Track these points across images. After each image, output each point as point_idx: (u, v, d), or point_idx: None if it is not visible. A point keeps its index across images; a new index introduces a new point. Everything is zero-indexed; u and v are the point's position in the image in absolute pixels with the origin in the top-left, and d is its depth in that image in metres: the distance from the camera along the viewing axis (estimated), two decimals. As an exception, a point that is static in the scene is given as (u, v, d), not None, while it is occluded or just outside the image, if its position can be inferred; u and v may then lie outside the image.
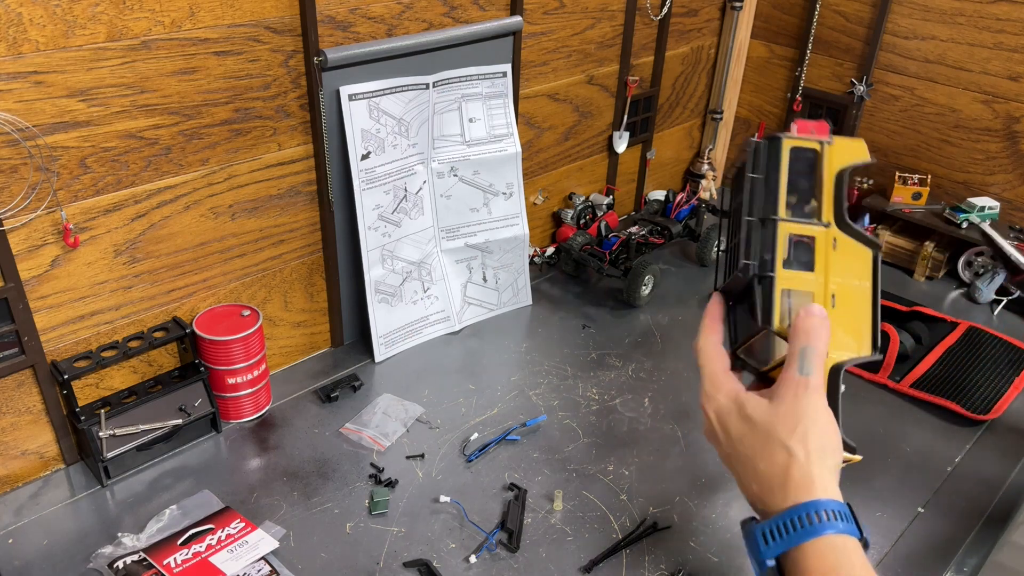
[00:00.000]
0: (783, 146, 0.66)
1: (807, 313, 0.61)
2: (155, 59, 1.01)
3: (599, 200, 1.73)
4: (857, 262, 0.65)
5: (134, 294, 1.11)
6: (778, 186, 0.66)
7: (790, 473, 0.59)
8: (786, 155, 0.66)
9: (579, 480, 1.15)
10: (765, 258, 0.64)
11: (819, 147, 0.66)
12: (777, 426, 0.60)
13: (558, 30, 1.50)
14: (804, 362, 0.60)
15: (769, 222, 0.65)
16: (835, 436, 0.61)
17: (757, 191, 0.66)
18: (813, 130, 0.67)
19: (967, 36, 1.60)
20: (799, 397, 0.59)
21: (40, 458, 1.10)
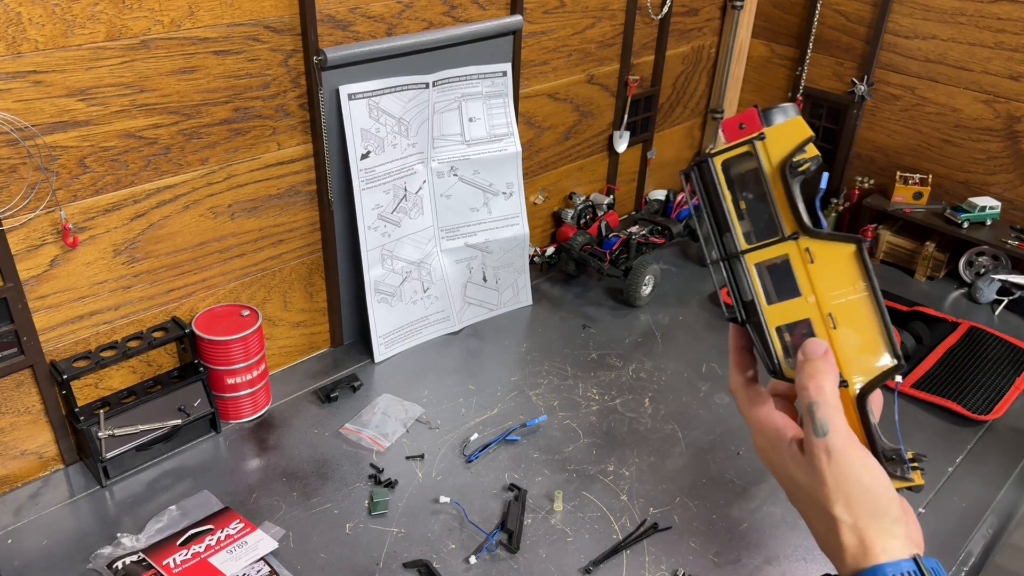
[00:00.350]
0: (714, 166, 0.58)
1: (805, 356, 0.55)
2: (154, 58, 1.00)
3: (599, 200, 1.73)
4: (842, 267, 0.56)
5: (133, 294, 1.11)
6: (726, 215, 0.58)
7: (842, 540, 0.55)
8: (721, 175, 0.58)
9: (579, 480, 1.15)
10: (746, 301, 0.58)
11: (751, 148, 0.57)
12: (817, 494, 0.55)
13: (558, 29, 1.50)
14: (816, 422, 0.54)
15: (734, 259, 0.58)
16: (885, 489, 0.54)
17: (709, 226, 0.59)
18: (743, 123, 0.58)
19: (968, 36, 1.59)
20: (826, 463, 0.54)
21: (39, 458, 1.10)
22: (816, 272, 0.56)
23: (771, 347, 0.58)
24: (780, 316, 0.57)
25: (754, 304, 0.58)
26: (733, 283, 0.59)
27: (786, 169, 0.56)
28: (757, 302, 0.58)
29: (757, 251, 0.58)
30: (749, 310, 0.58)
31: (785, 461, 0.58)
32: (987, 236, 1.60)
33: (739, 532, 1.08)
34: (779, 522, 1.10)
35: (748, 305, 0.58)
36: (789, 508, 1.11)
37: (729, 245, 0.59)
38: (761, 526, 1.09)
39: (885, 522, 0.54)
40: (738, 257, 0.58)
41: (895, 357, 0.56)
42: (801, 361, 0.55)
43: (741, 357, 0.62)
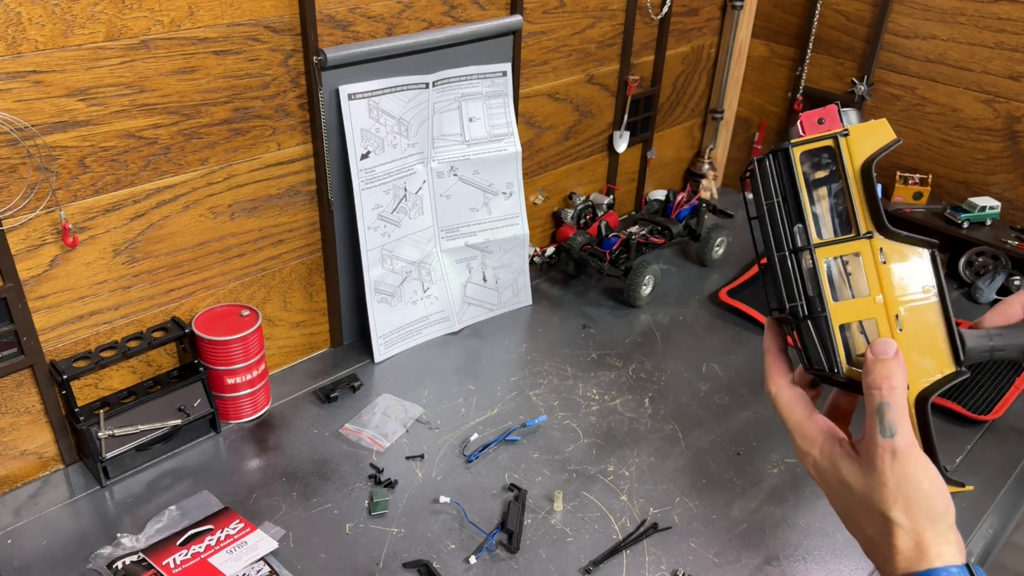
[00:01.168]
0: (793, 156, 0.57)
1: (875, 356, 0.54)
2: (154, 58, 1.00)
3: (599, 200, 1.73)
4: (914, 269, 0.55)
5: (133, 294, 1.11)
6: (800, 207, 0.57)
7: (897, 544, 0.54)
8: (799, 166, 0.57)
9: (579, 480, 1.14)
10: (811, 296, 0.56)
11: (833, 143, 0.57)
12: (874, 496, 0.54)
13: (558, 29, 1.50)
14: (884, 423, 0.53)
15: (803, 252, 0.57)
16: (942, 495, 0.54)
17: (778, 219, 0.57)
18: (822, 119, 0.58)
19: (968, 36, 1.59)
20: (890, 464, 0.53)
21: (39, 458, 1.10)
22: (887, 273, 0.56)
23: (834, 345, 0.56)
24: (845, 314, 0.56)
25: (819, 301, 0.56)
26: (797, 278, 0.57)
27: (871, 168, 0.56)
28: (824, 299, 0.56)
29: (829, 246, 0.57)
30: (812, 307, 0.57)
31: (835, 463, 0.57)
32: (987, 236, 1.60)
33: (739, 532, 1.08)
34: (779, 522, 1.10)
35: (811, 301, 0.57)
36: (789, 508, 1.11)
37: (799, 238, 0.57)
38: (761, 526, 1.09)
39: (941, 527, 0.54)
40: (809, 251, 0.56)
41: (958, 364, 0.55)
42: (871, 361, 0.54)
43: (780, 358, 0.61)
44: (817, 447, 0.58)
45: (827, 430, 0.58)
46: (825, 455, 0.58)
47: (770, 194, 0.58)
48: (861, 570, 1.03)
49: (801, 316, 0.57)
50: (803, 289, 0.57)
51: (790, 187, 0.57)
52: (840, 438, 0.57)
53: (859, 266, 0.56)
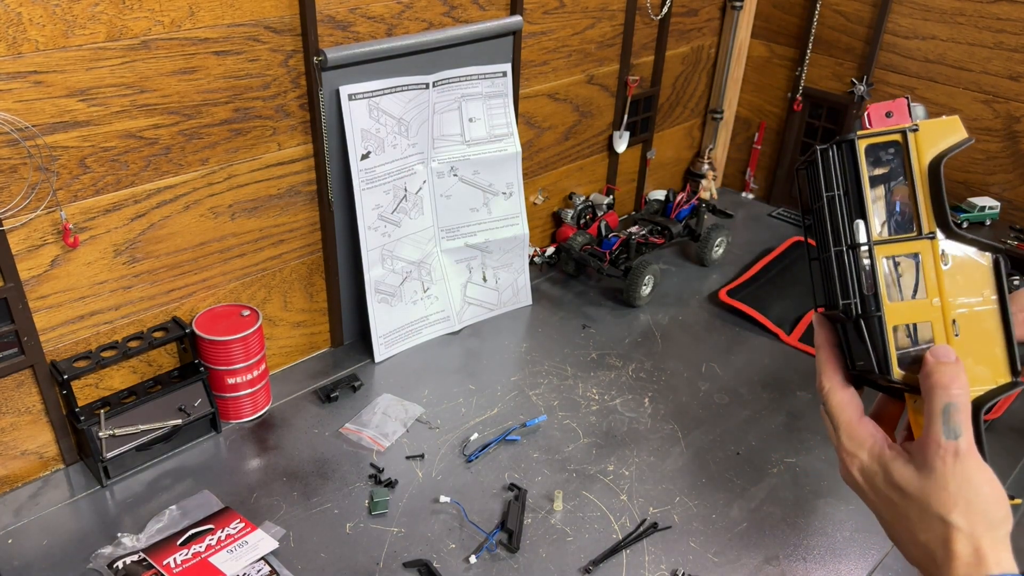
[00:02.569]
0: (858, 149, 0.55)
1: (938, 360, 0.53)
2: (155, 59, 1.00)
3: (599, 200, 1.73)
4: (976, 274, 0.53)
5: (134, 294, 1.11)
6: (862, 201, 0.54)
7: (954, 548, 0.52)
8: (863, 159, 0.55)
9: (579, 480, 1.15)
10: (866, 295, 0.54)
11: (901, 138, 0.54)
12: (931, 499, 0.53)
13: (558, 30, 1.50)
14: (949, 424, 0.51)
15: (861, 248, 0.54)
16: (1001, 501, 0.53)
17: (838, 212, 0.55)
18: (891, 112, 0.55)
19: (967, 36, 1.59)
20: (951, 466, 0.52)
21: (40, 458, 1.10)
22: (948, 276, 0.54)
23: (887, 346, 0.54)
24: (900, 315, 0.54)
25: (874, 299, 0.54)
26: (853, 275, 0.55)
27: (939, 167, 0.54)
28: (880, 298, 0.54)
29: (888, 244, 0.54)
30: (867, 306, 0.54)
31: (886, 465, 0.55)
32: (986, 236, 1.60)
33: (739, 532, 1.08)
34: (779, 522, 1.10)
35: (866, 300, 0.54)
36: (789, 507, 1.11)
37: (859, 234, 0.55)
38: (761, 526, 1.09)
39: (999, 534, 0.53)
40: (868, 247, 0.54)
41: (1014, 374, 0.54)
42: (933, 363, 0.53)
43: (834, 355, 0.59)
44: (866, 449, 0.57)
45: (877, 433, 0.57)
46: (875, 457, 0.56)
47: (832, 186, 0.56)
48: (861, 569, 1.03)
49: (854, 315, 0.55)
50: (859, 287, 0.55)
51: (852, 180, 0.55)
52: (890, 442, 0.56)
53: (911, 267, 0.54)
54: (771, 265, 1.69)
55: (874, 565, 1.04)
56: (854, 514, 1.11)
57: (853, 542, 1.07)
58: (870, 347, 0.54)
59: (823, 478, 1.17)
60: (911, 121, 0.54)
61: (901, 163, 0.55)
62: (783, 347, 1.46)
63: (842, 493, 1.15)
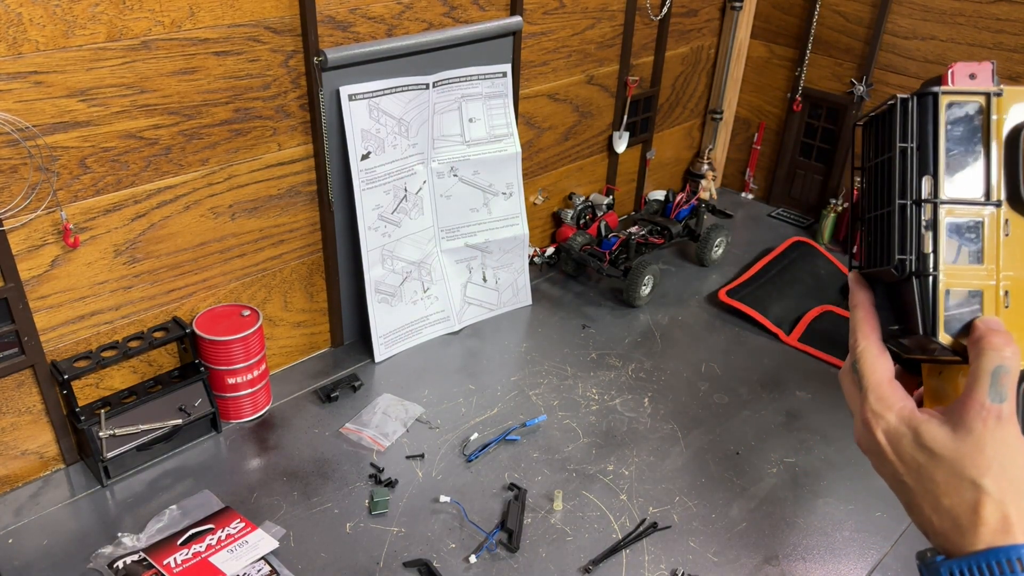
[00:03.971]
0: (940, 103, 0.53)
1: (989, 327, 0.52)
2: (155, 59, 1.01)
3: (599, 200, 1.73)
4: None
5: (134, 294, 1.11)
6: (937, 158, 0.53)
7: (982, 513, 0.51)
8: (943, 115, 0.53)
9: (579, 480, 1.15)
10: (924, 253, 0.53)
11: (984, 101, 0.53)
12: (965, 461, 0.52)
13: (558, 30, 1.50)
14: (997, 387, 0.50)
15: (926, 205, 0.53)
16: None
17: (908, 164, 0.53)
18: (975, 74, 0.54)
19: (967, 36, 1.60)
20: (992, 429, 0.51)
21: (40, 458, 1.10)
22: (1008, 246, 0.53)
23: (937, 308, 0.52)
24: (955, 280, 0.53)
25: (932, 259, 0.52)
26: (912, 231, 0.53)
27: (1020, 136, 0.52)
28: (938, 258, 0.52)
29: (954, 206, 0.53)
30: (922, 264, 0.53)
31: (916, 427, 0.54)
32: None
33: (738, 531, 1.08)
34: (778, 521, 1.10)
35: (923, 258, 0.53)
36: (788, 507, 1.11)
37: (924, 190, 0.53)
38: (760, 526, 1.09)
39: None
40: (934, 205, 0.53)
41: None
42: (984, 328, 0.52)
43: (872, 314, 0.58)
44: (895, 411, 0.55)
45: (907, 396, 0.55)
46: (904, 419, 0.55)
47: (906, 137, 0.54)
48: (860, 569, 1.04)
49: (908, 271, 0.53)
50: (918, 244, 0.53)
51: (929, 135, 0.53)
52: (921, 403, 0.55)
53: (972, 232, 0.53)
54: (771, 265, 1.69)
55: (874, 565, 1.04)
56: (854, 514, 1.11)
57: (853, 542, 1.07)
58: (919, 307, 0.53)
59: (823, 478, 1.17)
60: (995, 86, 0.53)
61: (978, 127, 0.53)
62: (783, 347, 1.47)
63: (842, 493, 1.15)
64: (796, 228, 1.89)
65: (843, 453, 1.22)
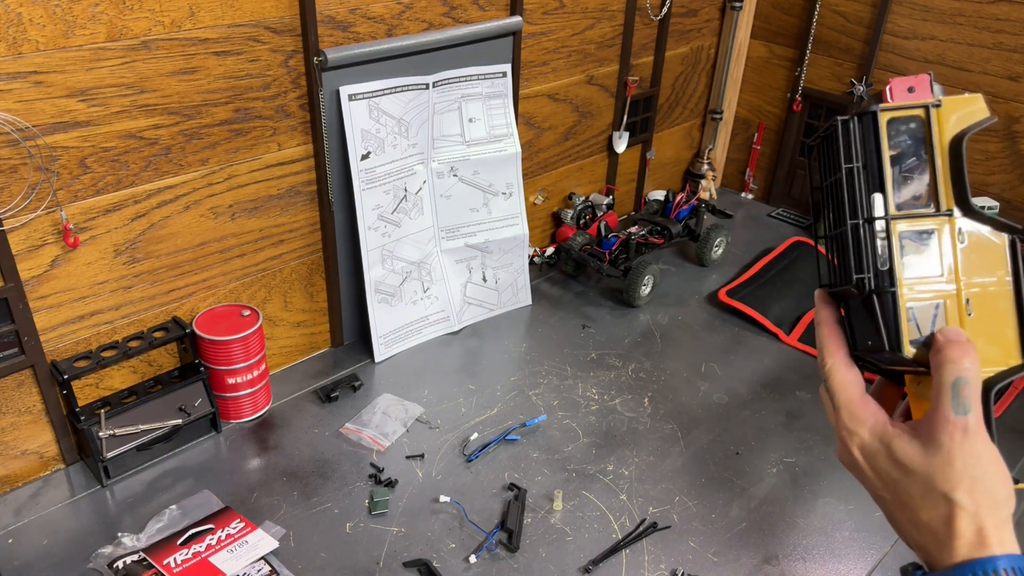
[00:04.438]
0: (880, 121, 0.54)
1: (948, 337, 0.52)
2: (155, 59, 1.01)
3: (599, 200, 1.73)
4: (990, 254, 0.53)
5: (134, 294, 1.11)
6: (882, 174, 0.54)
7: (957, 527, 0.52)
8: (885, 132, 0.54)
9: (579, 480, 1.15)
10: (881, 270, 0.53)
11: (923, 113, 0.54)
12: (936, 476, 0.52)
13: (558, 30, 1.50)
14: (959, 399, 0.50)
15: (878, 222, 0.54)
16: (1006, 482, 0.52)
17: (856, 185, 0.54)
18: (913, 87, 0.54)
19: (967, 36, 1.60)
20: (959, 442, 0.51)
21: (40, 458, 1.10)
22: (965, 255, 0.53)
23: (900, 323, 0.53)
24: (915, 292, 0.53)
25: (890, 275, 0.53)
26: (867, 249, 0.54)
27: (962, 144, 0.53)
28: (895, 274, 0.53)
29: (905, 220, 0.53)
30: (881, 281, 0.53)
31: (888, 442, 0.54)
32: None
33: (738, 531, 1.08)
34: (778, 521, 1.10)
35: (880, 276, 0.53)
36: (788, 507, 1.11)
37: (875, 208, 0.54)
38: (760, 525, 1.09)
39: (1002, 514, 0.52)
40: (885, 221, 0.53)
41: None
42: (943, 340, 0.52)
43: (836, 331, 0.58)
44: (867, 427, 0.55)
45: (879, 412, 0.56)
46: (876, 435, 0.55)
47: (851, 158, 0.55)
48: (860, 569, 1.04)
49: (867, 290, 0.54)
50: (874, 262, 0.54)
51: (872, 153, 0.54)
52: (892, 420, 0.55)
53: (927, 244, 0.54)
54: (770, 265, 1.69)
55: (873, 565, 1.04)
56: (854, 514, 1.11)
57: (853, 542, 1.07)
58: (882, 324, 0.53)
59: (823, 478, 1.17)
60: (934, 97, 0.54)
61: (921, 139, 0.54)
62: (783, 347, 1.47)
63: (842, 493, 1.15)
64: (796, 228, 1.89)
65: (843, 453, 1.22)
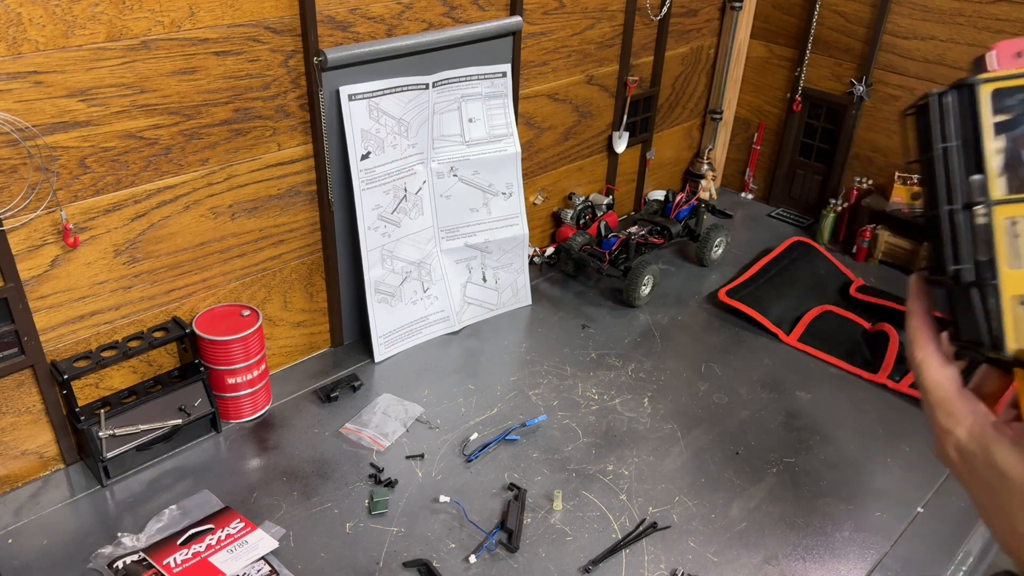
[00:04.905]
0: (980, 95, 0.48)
1: None
2: (155, 59, 1.01)
3: (599, 200, 1.73)
4: None
5: (134, 294, 1.11)
6: (982, 154, 0.48)
7: None
8: (987, 106, 0.48)
9: (579, 480, 1.15)
10: (980, 260, 0.49)
11: None
12: None
13: (558, 30, 1.50)
14: None
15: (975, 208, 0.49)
16: None
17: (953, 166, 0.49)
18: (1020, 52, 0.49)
19: (967, 36, 1.60)
20: None
21: (40, 458, 1.10)
22: None
23: (1002, 317, 0.48)
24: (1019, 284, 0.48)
25: (991, 265, 0.48)
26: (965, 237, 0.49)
27: None
28: (997, 263, 0.48)
29: (1010, 204, 0.48)
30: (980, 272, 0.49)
31: (987, 446, 0.50)
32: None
33: (738, 531, 1.08)
34: (778, 521, 1.10)
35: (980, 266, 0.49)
36: (788, 507, 1.11)
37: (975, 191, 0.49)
38: (760, 525, 1.09)
39: None
40: (986, 207, 0.48)
41: None
42: None
43: (928, 323, 0.54)
44: (965, 426, 0.51)
45: (978, 409, 0.51)
46: (975, 437, 0.50)
47: (947, 136, 0.50)
48: (860, 569, 1.04)
49: (966, 282, 0.49)
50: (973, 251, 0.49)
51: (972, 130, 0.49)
52: (993, 420, 0.50)
53: None
54: (770, 265, 1.69)
55: (873, 565, 1.04)
56: (853, 514, 1.11)
57: (852, 542, 1.08)
58: (983, 319, 0.49)
59: (822, 478, 1.18)
60: None
61: None
62: (782, 347, 1.47)
63: (841, 493, 1.15)
64: (796, 228, 1.89)
65: (843, 453, 1.22)
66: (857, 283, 1.64)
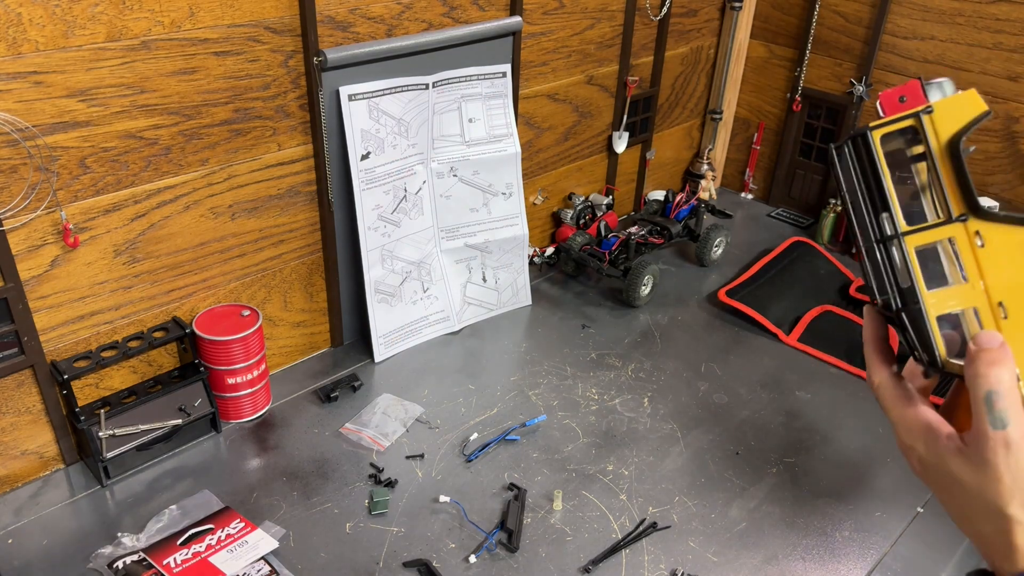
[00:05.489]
0: (872, 140, 0.53)
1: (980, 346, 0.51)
2: (155, 59, 1.01)
3: (599, 200, 1.73)
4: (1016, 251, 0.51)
5: (134, 294, 1.11)
6: (885, 194, 0.53)
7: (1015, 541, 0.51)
8: (880, 150, 0.53)
9: (579, 480, 1.15)
10: (902, 287, 0.53)
11: (916, 122, 0.52)
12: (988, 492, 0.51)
13: (558, 30, 1.50)
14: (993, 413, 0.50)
15: (891, 241, 0.53)
16: None
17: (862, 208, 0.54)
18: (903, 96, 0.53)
19: (966, 36, 1.60)
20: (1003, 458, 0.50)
21: (40, 458, 1.10)
22: (987, 257, 0.52)
23: (931, 337, 0.52)
24: (942, 305, 0.52)
25: (913, 291, 0.53)
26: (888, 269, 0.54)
27: (958, 145, 0.51)
28: (917, 289, 0.52)
29: (918, 233, 0.53)
30: (906, 298, 0.53)
31: (942, 457, 0.54)
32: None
33: (738, 531, 1.08)
34: (778, 521, 1.10)
35: (905, 292, 0.53)
36: (788, 507, 1.11)
37: (885, 227, 0.53)
38: (760, 525, 1.09)
39: None
40: (897, 240, 0.53)
41: None
42: (975, 351, 0.51)
43: (880, 348, 0.58)
44: (922, 440, 0.55)
45: (931, 423, 0.54)
46: (930, 450, 0.54)
47: (851, 183, 0.55)
48: (860, 569, 1.04)
49: (895, 308, 0.53)
50: (894, 280, 0.53)
51: (872, 174, 0.54)
52: (947, 432, 0.54)
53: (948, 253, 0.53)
54: (770, 265, 1.69)
55: (873, 565, 1.04)
56: (853, 514, 1.12)
57: (852, 542, 1.08)
58: (916, 340, 0.53)
59: (822, 478, 1.18)
60: (926, 102, 0.52)
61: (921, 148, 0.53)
62: (782, 347, 1.47)
63: (841, 493, 1.15)
64: (796, 228, 1.89)
65: (843, 453, 1.22)
66: (857, 283, 1.64)
